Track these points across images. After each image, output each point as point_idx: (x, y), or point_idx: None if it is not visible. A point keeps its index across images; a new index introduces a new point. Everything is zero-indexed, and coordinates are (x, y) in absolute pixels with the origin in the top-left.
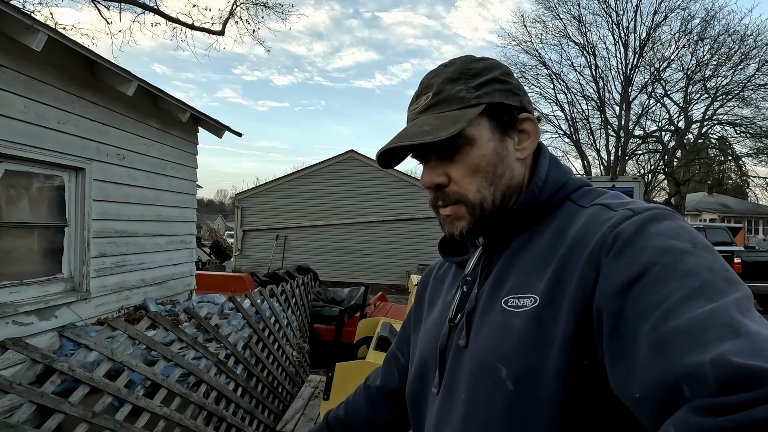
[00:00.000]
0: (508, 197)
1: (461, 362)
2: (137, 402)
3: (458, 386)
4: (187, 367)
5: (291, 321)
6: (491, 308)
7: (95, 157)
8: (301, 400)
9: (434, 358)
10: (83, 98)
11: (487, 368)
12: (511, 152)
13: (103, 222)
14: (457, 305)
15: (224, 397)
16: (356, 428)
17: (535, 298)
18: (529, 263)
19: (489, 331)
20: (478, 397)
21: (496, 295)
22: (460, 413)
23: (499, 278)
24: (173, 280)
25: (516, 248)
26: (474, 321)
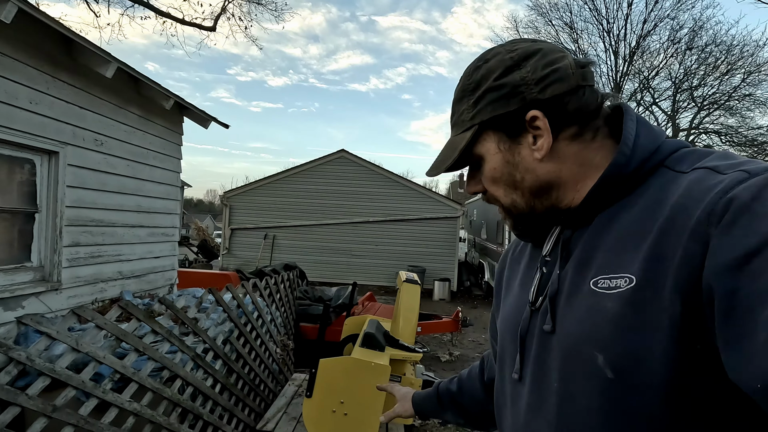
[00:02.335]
0: (548, 196)
1: (549, 349)
2: (104, 396)
3: (548, 374)
4: (160, 360)
5: (275, 317)
6: (578, 290)
7: (71, 141)
8: (284, 399)
9: (513, 343)
10: (58, 79)
11: (580, 356)
12: (527, 156)
13: (77, 210)
14: (537, 288)
15: (201, 393)
16: (468, 408)
17: (630, 278)
18: (619, 240)
19: (578, 315)
20: (572, 387)
21: (583, 275)
22: (554, 404)
23: (584, 258)
24: (153, 274)
25: (601, 224)
26: (559, 304)
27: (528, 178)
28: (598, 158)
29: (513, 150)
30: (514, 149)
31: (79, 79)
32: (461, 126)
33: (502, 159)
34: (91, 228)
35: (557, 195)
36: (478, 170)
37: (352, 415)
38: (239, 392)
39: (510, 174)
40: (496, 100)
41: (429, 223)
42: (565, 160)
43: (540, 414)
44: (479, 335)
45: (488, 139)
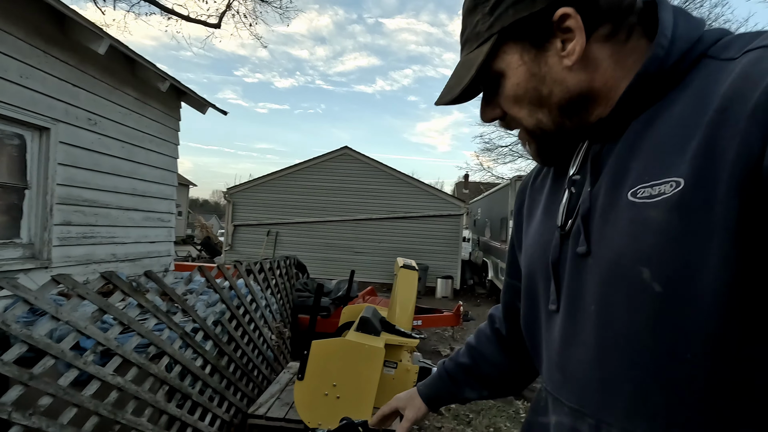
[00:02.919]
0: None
1: (584, 272)
2: (85, 368)
3: (585, 299)
4: (146, 335)
5: (270, 303)
6: (614, 205)
7: (63, 118)
8: (278, 385)
9: (545, 273)
10: (51, 54)
11: (622, 272)
12: (554, 65)
13: (69, 188)
14: (566, 209)
15: (190, 373)
16: (489, 375)
17: (676, 181)
18: (659, 144)
19: (617, 230)
20: (614, 307)
21: (619, 188)
22: (593, 328)
23: (618, 169)
24: (148, 259)
25: (636, 131)
26: (593, 223)
27: (556, 92)
28: (631, 61)
29: (539, 60)
30: (540, 59)
31: (72, 56)
32: (476, 40)
33: (526, 72)
34: (83, 208)
35: (589, 108)
36: (496, 92)
37: (345, 399)
38: (231, 375)
39: (535, 89)
40: (517, 2)
41: (432, 221)
42: (597, 65)
43: (578, 340)
44: None
45: (509, 51)
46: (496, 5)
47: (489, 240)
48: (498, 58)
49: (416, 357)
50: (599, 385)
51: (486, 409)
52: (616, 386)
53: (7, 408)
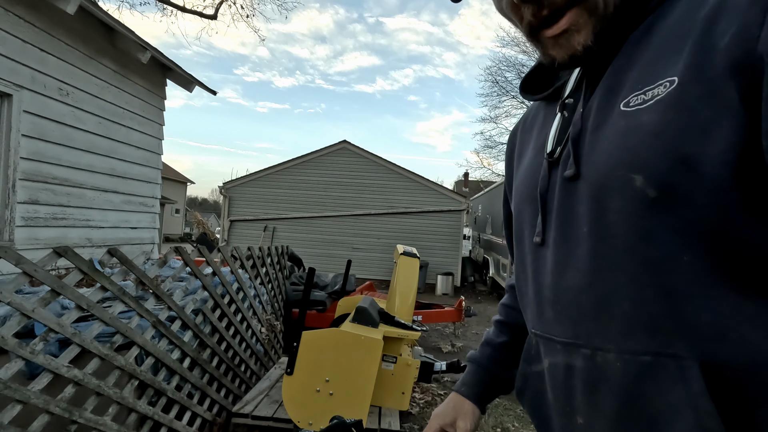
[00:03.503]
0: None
1: (574, 195)
2: (31, 357)
3: (576, 223)
4: (110, 322)
5: (260, 293)
6: (606, 119)
7: (28, 85)
8: (267, 381)
9: (532, 205)
10: (12, 12)
11: (613, 186)
12: None
13: (36, 163)
14: (557, 135)
15: (165, 366)
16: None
17: (670, 80)
18: (655, 50)
19: (607, 144)
20: (606, 223)
21: (611, 103)
22: (586, 250)
23: (614, 83)
24: (130, 245)
25: (633, 42)
26: (583, 144)
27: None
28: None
29: None
30: None
31: (39, 18)
32: None
33: None
34: (53, 186)
35: None
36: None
37: (338, 395)
38: (214, 370)
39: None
40: None
41: (432, 216)
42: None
43: (569, 267)
44: (482, 327)
45: None
46: None
47: (490, 237)
48: None
49: (417, 351)
50: (593, 309)
51: (492, 408)
52: (612, 305)
53: None
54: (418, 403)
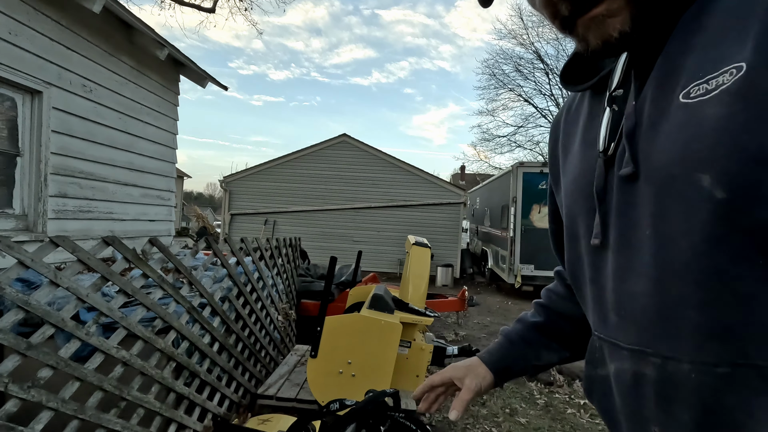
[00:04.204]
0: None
1: (634, 195)
2: (87, 339)
3: (638, 225)
4: (152, 307)
5: (276, 283)
6: (664, 112)
7: (55, 82)
8: (286, 367)
9: (587, 208)
10: (41, 12)
11: (677, 185)
12: None
13: (63, 158)
14: (608, 131)
15: (198, 350)
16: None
17: (737, 67)
18: (714, 34)
19: (668, 140)
20: (672, 226)
21: (668, 92)
22: (649, 254)
23: (668, 70)
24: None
25: (686, 25)
26: (639, 140)
27: None
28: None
29: None
30: None
31: (65, 16)
32: None
33: None
34: (79, 180)
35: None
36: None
37: (360, 376)
38: (239, 354)
39: None
40: None
41: (432, 209)
42: None
43: (633, 272)
44: (484, 317)
45: None
46: None
47: (489, 229)
48: None
49: (429, 337)
50: (661, 317)
51: (499, 391)
52: (681, 314)
53: (3, 379)
54: None
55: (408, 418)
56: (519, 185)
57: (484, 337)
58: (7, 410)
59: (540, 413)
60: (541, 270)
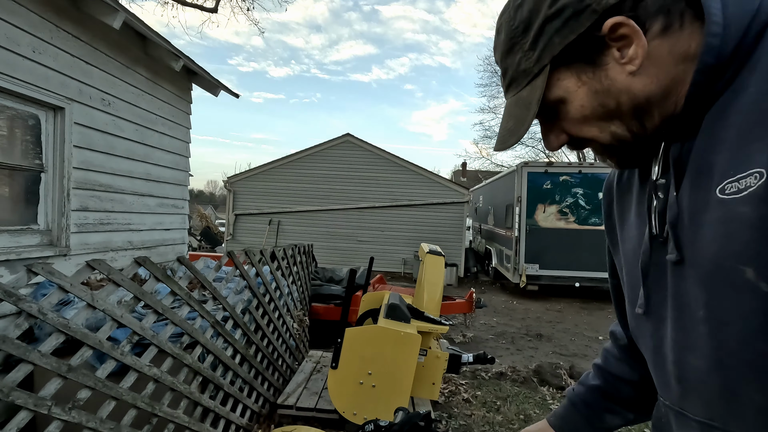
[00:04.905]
0: (652, 113)
1: (684, 278)
2: (122, 359)
3: (690, 305)
4: (180, 324)
5: (292, 291)
6: (704, 206)
7: (77, 98)
8: (302, 374)
9: (635, 278)
10: (62, 29)
11: (724, 276)
12: (617, 76)
13: (85, 172)
14: (658, 216)
15: (221, 363)
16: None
17: (759, 172)
18: (738, 132)
19: (710, 233)
20: (723, 312)
21: (705, 188)
22: (705, 334)
23: (700, 167)
24: (164, 246)
25: (711, 123)
26: (682, 229)
27: (624, 101)
28: (694, 47)
29: (598, 75)
30: (599, 74)
31: (84, 32)
32: (524, 77)
33: (588, 91)
34: (99, 193)
35: (662, 108)
36: (556, 118)
37: (380, 387)
38: (259, 365)
39: (602, 104)
40: (562, 27)
41: (436, 208)
42: (660, 63)
43: (690, 347)
44: (490, 318)
45: (563, 77)
46: (537, 38)
47: (493, 228)
48: (553, 87)
49: (443, 344)
50: (723, 395)
51: (512, 396)
52: (741, 394)
53: (47, 402)
54: (443, 392)
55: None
56: (524, 185)
57: (492, 339)
58: None
59: None
60: (546, 269)
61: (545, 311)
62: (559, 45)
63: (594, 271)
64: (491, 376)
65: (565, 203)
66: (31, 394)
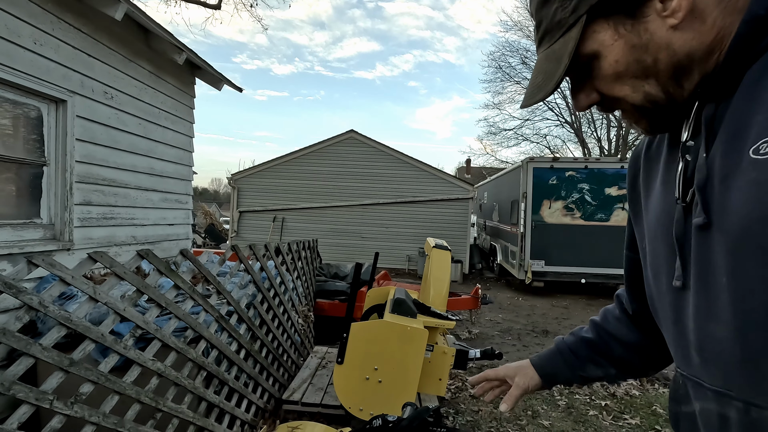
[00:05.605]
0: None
1: (709, 244)
2: (125, 352)
3: (714, 272)
4: (183, 318)
5: (297, 286)
6: (735, 168)
7: (79, 90)
8: (308, 370)
9: (669, 248)
10: (64, 20)
11: (752, 240)
12: (657, 30)
13: (88, 166)
14: (683, 180)
15: (226, 358)
16: (617, 353)
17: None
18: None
19: (741, 195)
20: (748, 279)
21: (738, 149)
22: (728, 302)
23: (737, 126)
24: (167, 242)
25: (753, 80)
26: (712, 192)
27: (663, 58)
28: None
29: (637, 28)
30: (638, 27)
31: (86, 24)
32: (558, 29)
33: (625, 45)
34: (102, 187)
35: (703, 66)
36: (588, 76)
37: (387, 383)
38: (263, 360)
39: (638, 61)
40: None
41: (440, 205)
42: (705, 17)
43: (712, 317)
44: (496, 314)
45: (600, 30)
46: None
47: (498, 224)
48: (588, 40)
49: (450, 339)
50: (743, 365)
51: None
52: (762, 364)
53: (48, 396)
54: (450, 388)
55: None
56: (529, 181)
57: (498, 335)
58: (53, 426)
59: (562, 415)
60: (552, 266)
61: (551, 308)
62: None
63: (600, 267)
64: None
65: (570, 199)
66: (33, 388)
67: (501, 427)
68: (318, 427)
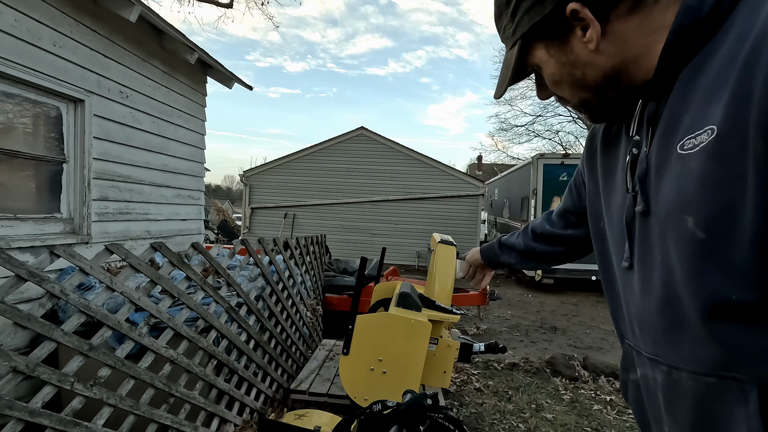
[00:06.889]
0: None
1: (648, 228)
2: (140, 339)
3: (652, 253)
4: (195, 308)
5: (305, 280)
6: (666, 161)
7: (96, 90)
8: (316, 362)
9: (621, 231)
10: (81, 23)
11: (671, 223)
12: (581, 51)
13: (104, 163)
14: (629, 170)
15: (236, 347)
16: (520, 249)
17: (712, 129)
18: (706, 93)
19: (668, 185)
20: (670, 257)
21: (670, 144)
22: (659, 279)
23: (670, 125)
24: (180, 236)
25: (685, 82)
26: (650, 182)
27: (589, 73)
28: (669, 17)
29: (564, 50)
30: (565, 48)
31: (102, 26)
32: (508, 42)
33: (556, 62)
34: (118, 183)
35: (628, 76)
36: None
37: (391, 374)
38: (272, 351)
39: (569, 74)
40: (530, 8)
41: (450, 201)
42: (626, 38)
43: (647, 292)
44: (504, 311)
45: (537, 48)
46: (514, 13)
47: (508, 220)
48: (530, 55)
49: (455, 333)
50: (666, 332)
51: (524, 386)
52: (680, 331)
53: (70, 378)
54: (454, 382)
55: (447, 418)
56: (539, 177)
57: (506, 331)
58: (74, 407)
59: (566, 409)
60: None
61: (561, 304)
62: (527, 24)
63: None
64: (504, 366)
65: None
66: (55, 370)
67: (504, 419)
68: (324, 416)
